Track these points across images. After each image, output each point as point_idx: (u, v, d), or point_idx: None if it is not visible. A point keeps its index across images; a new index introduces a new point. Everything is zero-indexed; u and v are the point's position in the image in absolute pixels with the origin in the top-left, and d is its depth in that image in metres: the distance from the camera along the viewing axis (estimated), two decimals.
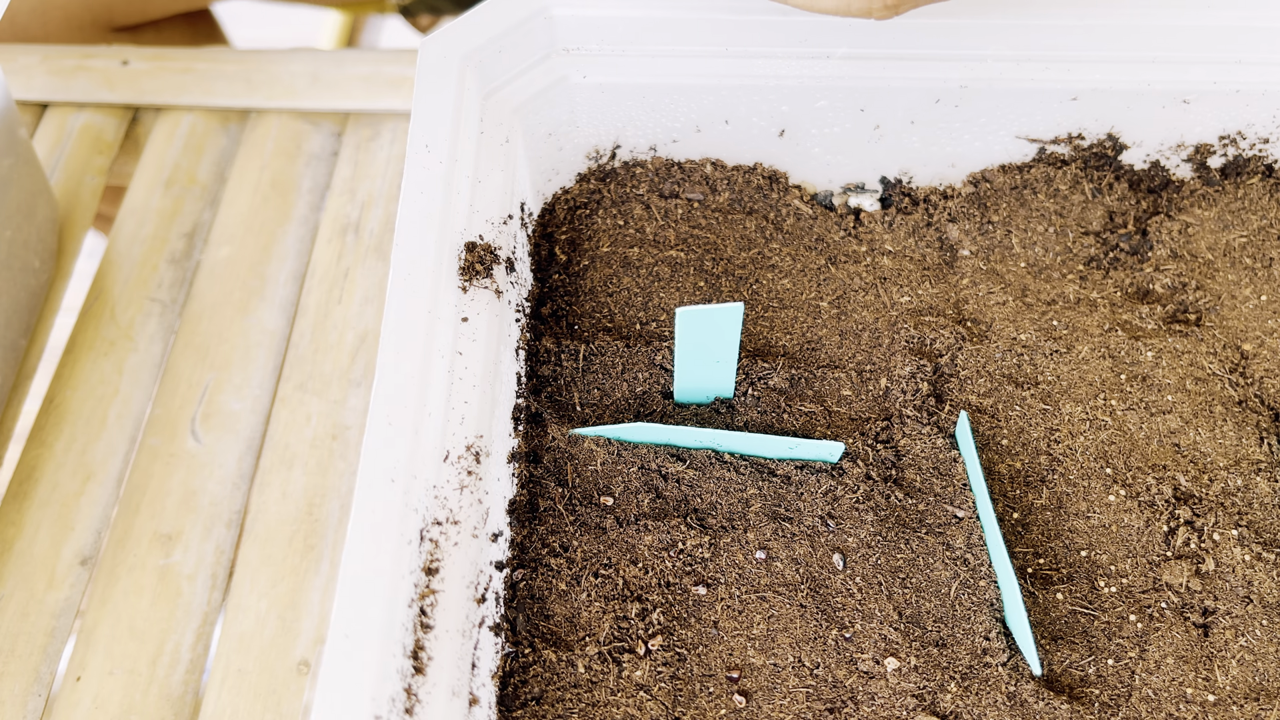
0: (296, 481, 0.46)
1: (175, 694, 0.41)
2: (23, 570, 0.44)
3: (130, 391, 0.49)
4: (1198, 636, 0.36)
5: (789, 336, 0.42)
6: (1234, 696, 0.35)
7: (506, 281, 0.38)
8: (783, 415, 0.40)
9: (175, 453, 0.47)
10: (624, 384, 0.40)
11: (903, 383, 0.41)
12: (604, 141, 0.46)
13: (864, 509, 0.37)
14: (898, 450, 0.39)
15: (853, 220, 0.46)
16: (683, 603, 0.36)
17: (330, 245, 0.53)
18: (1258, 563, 0.37)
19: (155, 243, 0.54)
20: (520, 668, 0.34)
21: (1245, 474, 0.39)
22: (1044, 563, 0.37)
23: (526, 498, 0.37)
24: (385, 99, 0.57)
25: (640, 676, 0.34)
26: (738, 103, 0.44)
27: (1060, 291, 0.44)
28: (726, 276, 0.44)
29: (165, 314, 0.51)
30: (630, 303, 0.43)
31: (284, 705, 0.41)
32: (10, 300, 0.47)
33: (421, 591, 0.31)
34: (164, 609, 0.43)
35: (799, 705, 0.34)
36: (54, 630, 0.43)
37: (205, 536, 0.45)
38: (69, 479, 0.46)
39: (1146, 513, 0.38)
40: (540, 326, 0.42)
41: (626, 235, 0.45)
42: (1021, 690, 0.34)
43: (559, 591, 0.36)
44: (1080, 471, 0.39)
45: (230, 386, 0.49)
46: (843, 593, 0.36)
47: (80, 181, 0.56)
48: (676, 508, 0.38)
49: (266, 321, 0.51)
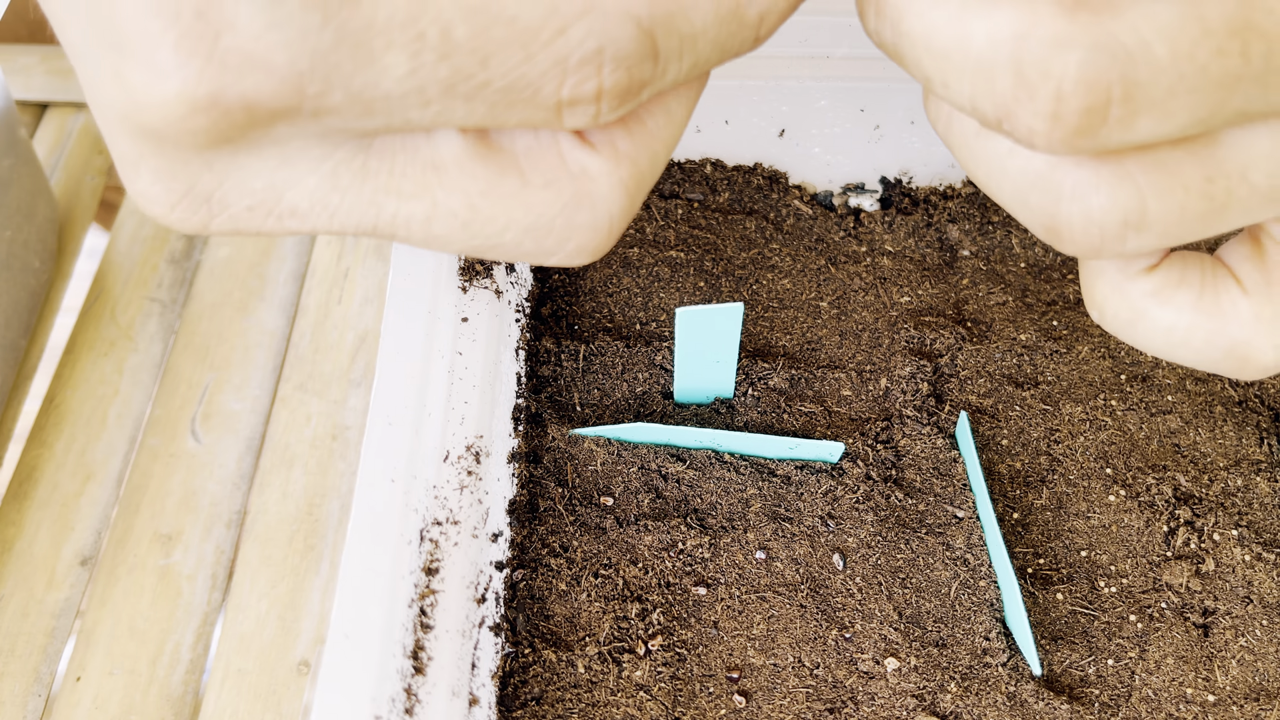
0: (296, 481, 0.46)
1: (175, 694, 0.41)
2: (22, 570, 0.44)
3: (130, 391, 0.49)
4: (1198, 637, 0.36)
5: (789, 336, 0.42)
6: (1234, 697, 0.35)
7: (506, 281, 0.38)
8: (783, 415, 0.40)
9: (175, 453, 0.47)
10: (624, 384, 0.40)
11: (903, 383, 0.41)
12: None
13: (864, 509, 0.37)
14: (898, 450, 0.39)
15: (853, 220, 0.46)
16: (683, 603, 0.36)
17: (330, 245, 0.53)
18: (1258, 563, 0.37)
19: (155, 243, 0.54)
20: (520, 668, 0.34)
21: (1245, 474, 0.39)
22: (1044, 563, 0.37)
23: (526, 498, 0.37)
24: None
25: (640, 677, 0.34)
26: (738, 103, 0.44)
27: (1061, 292, 0.44)
28: (726, 276, 0.44)
29: (165, 314, 0.51)
30: (630, 303, 0.43)
31: (284, 705, 0.41)
32: (10, 300, 0.47)
33: (421, 591, 0.31)
34: (164, 609, 0.43)
35: (799, 705, 0.34)
36: (54, 630, 0.43)
37: (205, 536, 0.45)
38: (69, 479, 0.46)
39: (1147, 513, 0.38)
40: (540, 326, 0.42)
41: (626, 235, 0.45)
42: (1021, 690, 0.34)
43: (559, 591, 0.36)
44: (1080, 472, 0.39)
45: (230, 386, 0.49)
46: (843, 593, 0.36)
47: (80, 182, 0.56)
48: (676, 508, 0.38)
49: (266, 321, 0.51)
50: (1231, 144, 0.18)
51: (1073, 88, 0.17)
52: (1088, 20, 0.17)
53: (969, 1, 0.18)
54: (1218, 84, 0.17)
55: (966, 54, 0.18)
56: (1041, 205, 0.20)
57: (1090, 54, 0.17)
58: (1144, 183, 0.19)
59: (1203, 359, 0.21)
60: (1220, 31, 0.17)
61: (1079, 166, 0.19)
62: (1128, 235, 0.19)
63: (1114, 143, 0.18)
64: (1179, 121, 0.17)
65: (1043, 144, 0.18)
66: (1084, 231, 0.19)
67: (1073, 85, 0.17)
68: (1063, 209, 0.19)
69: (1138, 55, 0.17)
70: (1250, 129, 0.18)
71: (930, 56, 0.18)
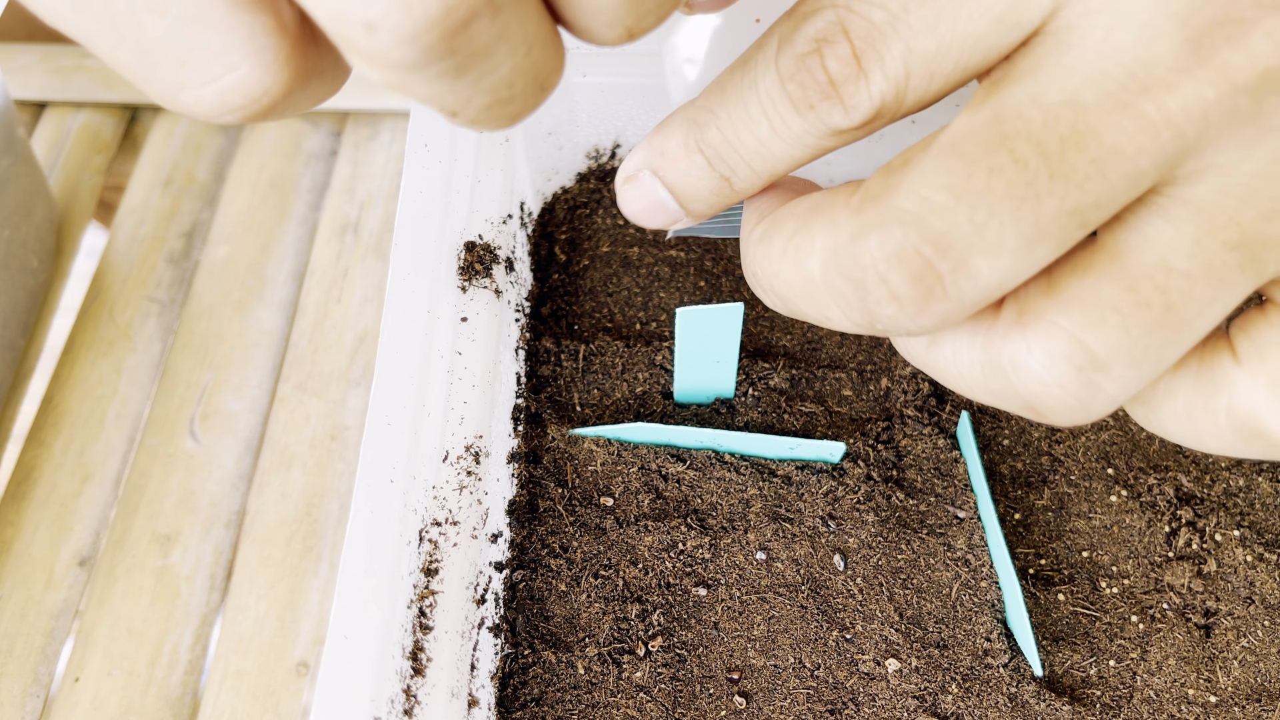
0: (295, 482, 0.46)
1: (174, 695, 0.41)
2: (21, 571, 0.44)
3: (129, 391, 0.49)
4: (1199, 637, 0.36)
5: (789, 336, 0.42)
6: (1235, 697, 0.34)
7: (506, 281, 0.38)
8: (783, 415, 0.40)
9: (174, 453, 0.47)
10: (624, 384, 0.40)
11: (904, 383, 0.41)
12: (604, 141, 0.46)
13: (865, 509, 0.37)
14: (899, 450, 0.39)
15: None
16: (683, 604, 0.36)
17: (329, 245, 0.53)
18: (1260, 563, 0.36)
19: (154, 242, 0.53)
20: (520, 669, 0.34)
21: (1247, 474, 0.39)
22: (1045, 563, 0.37)
23: (526, 498, 0.37)
24: (384, 98, 0.57)
25: (640, 678, 0.34)
26: None
27: None
28: (726, 276, 0.44)
29: (164, 314, 0.51)
30: (630, 303, 0.43)
31: (283, 706, 0.41)
32: (8, 300, 0.47)
33: (421, 592, 0.30)
34: (162, 610, 0.43)
35: (799, 706, 0.34)
36: (52, 631, 0.42)
37: (204, 537, 0.45)
38: (67, 479, 0.46)
39: (1148, 513, 0.38)
40: (540, 326, 0.42)
41: (626, 235, 0.44)
42: (1023, 691, 0.34)
43: (559, 592, 0.36)
44: (1082, 472, 0.39)
45: (229, 386, 0.49)
46: (843, 594, 0.36)
47: (79, 181, 0.55)
48: (677, 508, 0.37)
49: (265, 321, 0.51)
50: (1130, 246, 0.18)
51: (887, 268, 0.18)
52: (870, 208, 0.18)
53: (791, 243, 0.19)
54: (1015, 197, 0.17)
55: (816, 286, 0.19)
56: (1003, 390, 0.19)
57: (881, 234, 0.18)
58: (1068, 323, 0.18)
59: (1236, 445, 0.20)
60: (982, 156, 0.17)
61: (1007, 339, 0.18)
62: (1095, 381, 0.18)
63: (974, 296, 0.18)
64: (1010, 244, 0.17)
65: (913, 327, 0.18)
66: (1052, 396, 0.18)
67: (886, 266, 0.18)
68: (1017, 385, 0.19)
69: (922, 212, 0.17)
70: (1137, 223, 0.18)
71: (805, 302, 0.20)
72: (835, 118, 0.19)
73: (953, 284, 0.17)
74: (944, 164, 0.17)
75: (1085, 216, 0.17)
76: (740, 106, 0.20)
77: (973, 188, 0.17)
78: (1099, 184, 0.17)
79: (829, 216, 0.19)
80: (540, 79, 0.18)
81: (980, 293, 0.18)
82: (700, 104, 0.21)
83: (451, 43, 0.15)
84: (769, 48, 0.20)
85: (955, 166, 0.17)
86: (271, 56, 0.17)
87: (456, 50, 0.16)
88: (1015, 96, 0.17)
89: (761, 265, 0.21)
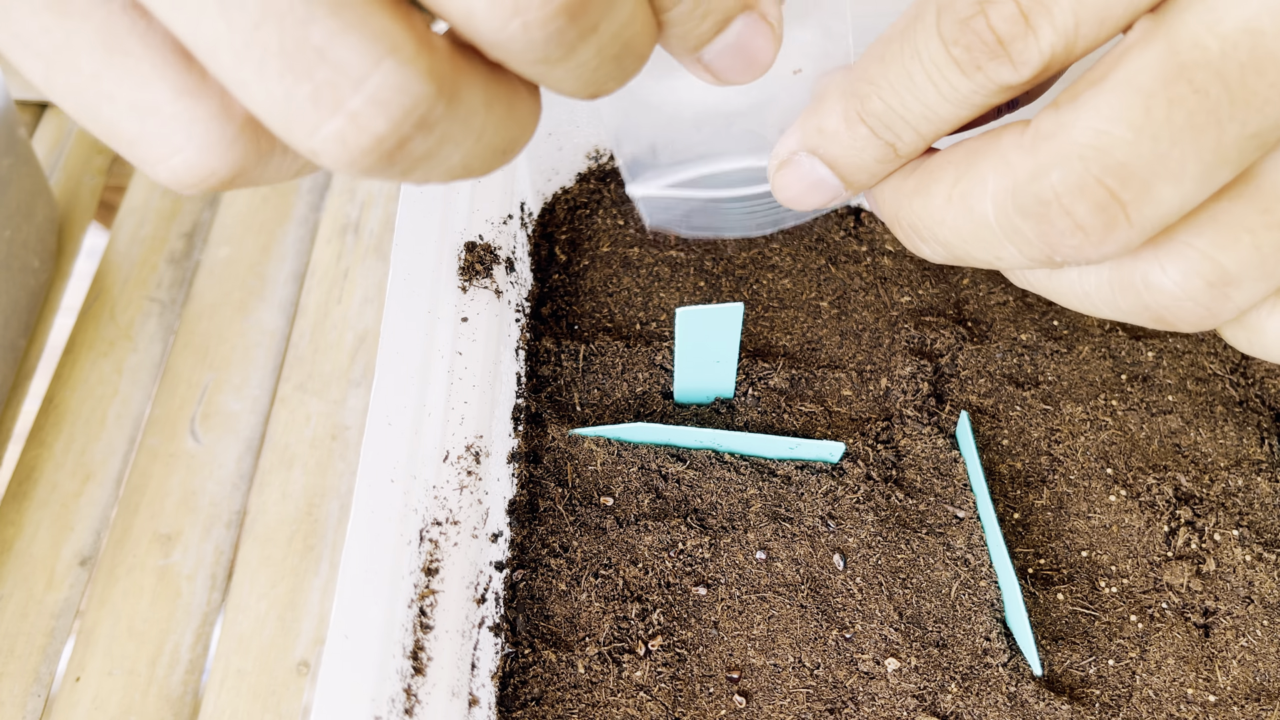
0: (296, 482, 0.46)
1: (174, 694, 0.41)
2: (22, 570, 0.44)
3: (130, 391, 0.49)
4: (1198, 637, 0.36)
5: (789, 336, 0.42)
6: (1235, 697, 0.35)
7: (506, 281, 0.38)
8: (783, 415, 0.40)
9: (174, 453, 0.47)
10: (624, 384, 0.40)
11: (903, 383, 0.41)
12: (604, 141, 0.46)
13: (864, 509, 0.37)
14: (898, 450, 0.39)
15: (853, 220, 0.46)
16: (683, 603, 0.36)
17: (330, 245, 0.53)
18: (1258, 563, 0.37)
19: (155, 242, 0.54)
20: (520, 668, 0.34)
21: (1246, 474, 0.39)
22: (1045, 563, 0.37)
23: (526, 498, 0.37)
24: None
25: (640, 677, 0.34)
26: None
27: None
28: (726, 276, 0.44)
29: (165, 314, 0.51)
30: (630, 303, 0.43)
31: (283, 706, 0.41)
32: (10, 300, 0.47)
33: (421, 592, 0.31)
34: (163, 609, 0.43)
35: (799, 706, 0.34)
36: (53, 630, 0.43)
37: (204, 537, 0.45)
38: (68, 479, 0.46)
39: (1147, 513, 0.38)
40: (540, 326, 0.42)
41: (626, 235, 0.45)
42: (1022, 691, 0.34)
43: (559, 592, 0.36)
44: (1081, 472, 0.39)
45: (229, 386, 0.49)
46: (843, 593, 0.36)
47: (79, 182, 0.55)
48: (676, 508, 0.38)
49: (266, 321, 0.51)
50: (1266, 169, 0.19)
51: (1071, 200, 0.19)
52: (1045, 145, 0.19)
53: (957, 189, 0.20)
54: (1196, 126, 0.18)
55: (989, 228, 0.20)
56: (1132, 306, 0.21)
57: (1063, 168, 0.18)
58: (1202, 244, 0.19)
59: None
60: (1160, 88, 0.18)
61: (1139, 259, 0.20)
62: (1226, 294, 0.20)
63: (1156, 222, 0.19)
64: (1193, 171, 0.18)
65: (1094, 255, 0.19)
66: (1184, 309, 0.20)
67: (1070, 199, 0.19)
68: (1149, 301, 0.20)
69: (1104, 145, 0.18)
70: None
71: (976, 245, 0.21)
72: (1004, 75, 0.20)
73: (1136, 211, 0.18)
74: (1120, 98, 0.18)
75: (1265, 139, 0.18)
76: (903, 74, 0.21)
77: (1154, 119, 0.18)
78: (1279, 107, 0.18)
79: (999, 158, 0.20)
80: (500, 150, 0.19)
81: (1162, 219, 0.19)
82: (858, 77, 0.21)
83: (394, 156, 0.17)
84: (927, 15, 0.20)
85: (1133, 100, 0.18)
86: (215, 139, 0.17)
87: (401, 160, 0.17)
88: (1190, 27, 0.18)
89: (921, 216, 0.21)
